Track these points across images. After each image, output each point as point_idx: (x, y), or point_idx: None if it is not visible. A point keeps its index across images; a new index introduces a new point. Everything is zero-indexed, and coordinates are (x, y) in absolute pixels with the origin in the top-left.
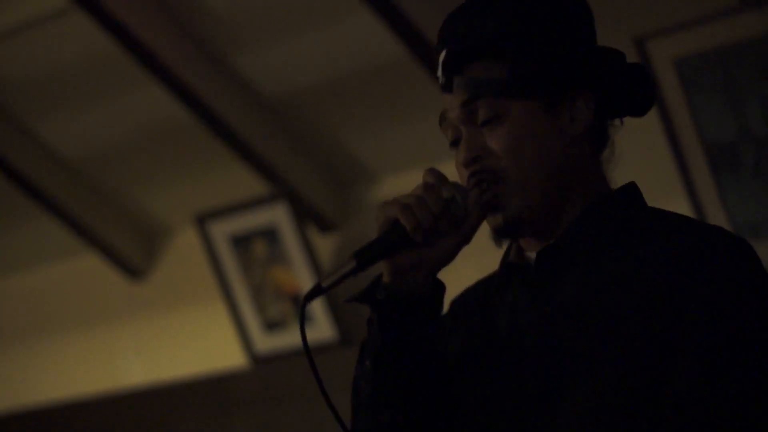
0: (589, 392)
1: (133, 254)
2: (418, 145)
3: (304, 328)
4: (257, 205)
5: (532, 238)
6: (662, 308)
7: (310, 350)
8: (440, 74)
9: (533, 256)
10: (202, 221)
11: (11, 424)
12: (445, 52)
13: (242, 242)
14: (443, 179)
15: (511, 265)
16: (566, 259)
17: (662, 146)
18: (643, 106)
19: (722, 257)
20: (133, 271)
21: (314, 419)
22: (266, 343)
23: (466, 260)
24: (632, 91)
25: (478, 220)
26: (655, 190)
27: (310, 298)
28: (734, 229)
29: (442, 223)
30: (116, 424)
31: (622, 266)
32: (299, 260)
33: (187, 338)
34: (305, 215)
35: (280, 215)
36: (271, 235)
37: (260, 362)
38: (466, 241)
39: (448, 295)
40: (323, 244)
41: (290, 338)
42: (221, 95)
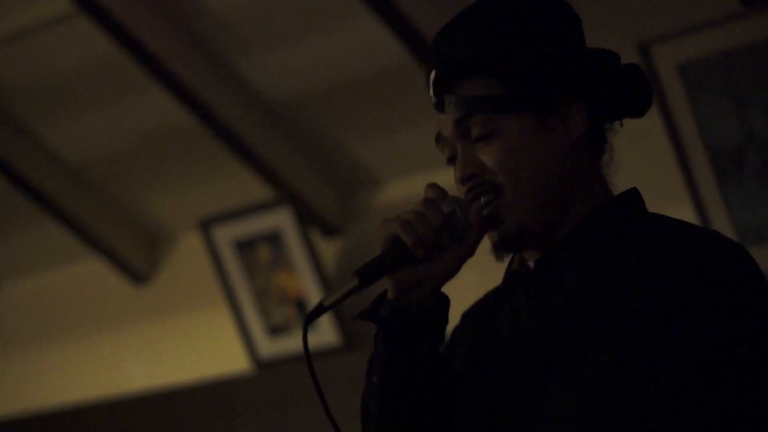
0: (584, 393)
1: (136, 259)
2: (422, 149)
3: (307, 347)
4: (261, 209)
5: (532, 248)
6: (659, 312)
7: (312, 365)
8: (431, 94)
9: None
10: (205, 226)
11: (15, 428)
12: (434, 72)
13: (246, 247)
14: (443, 194)
15: (513, 273)
16: (564, 265)
17: (666, 150)
18: (640, 106)
19: (718, 261)
20: (136, 275)
21: (318, 424)
22: (270, 347)
23: (469, 271)
24: (627, 92)
25: (480, 232)
26: (659, 194)
27: (312, 317)
28: (738, 233)
29: (443, 237)
30: (120, 428)
31: (618, 271)
32: (303, 265)
33: (190, 343)
34: (309, 220)
35: (284, 220)
36: (275, 239)
37: (264, 367)
38: (469, 254)
39: (453, 305)
40: (327, 248)
41: (294, 343)
42: (225, 99)
